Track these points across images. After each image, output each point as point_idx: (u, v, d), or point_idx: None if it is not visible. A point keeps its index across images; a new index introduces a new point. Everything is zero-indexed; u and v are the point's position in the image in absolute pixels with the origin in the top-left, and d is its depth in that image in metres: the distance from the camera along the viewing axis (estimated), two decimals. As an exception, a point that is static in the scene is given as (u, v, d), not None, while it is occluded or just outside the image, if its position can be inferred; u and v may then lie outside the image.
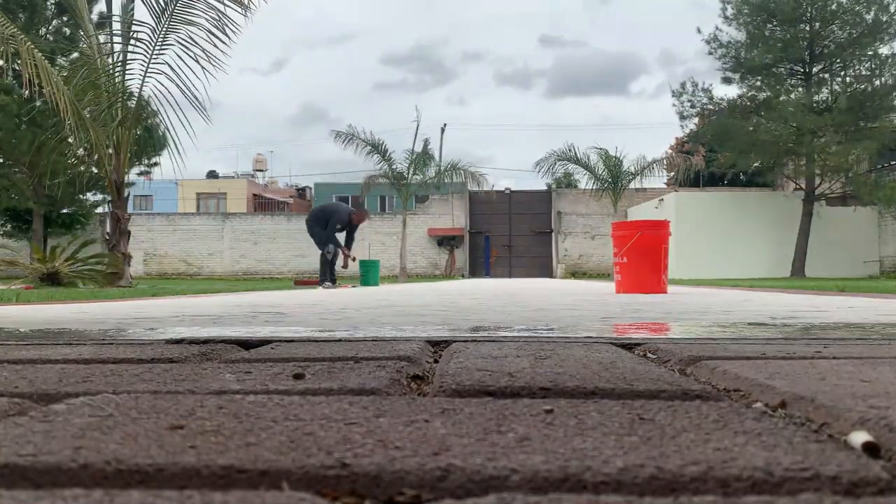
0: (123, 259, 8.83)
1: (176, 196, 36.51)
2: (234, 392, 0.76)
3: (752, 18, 19.54)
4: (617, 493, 0.41)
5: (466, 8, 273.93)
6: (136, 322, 2.01)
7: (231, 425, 0.56)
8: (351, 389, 0.77)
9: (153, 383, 0.82)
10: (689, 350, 1.11)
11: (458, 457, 0.46)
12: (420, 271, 25.43)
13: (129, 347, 1.23)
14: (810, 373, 0.85)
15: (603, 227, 24.57)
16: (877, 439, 0.51)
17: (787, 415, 0.64)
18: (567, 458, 0.46)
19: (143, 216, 27.21)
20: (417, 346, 1.18)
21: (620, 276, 5.86)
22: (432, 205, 26.19)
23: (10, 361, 1.04)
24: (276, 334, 1.50)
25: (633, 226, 6.34)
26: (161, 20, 8.30)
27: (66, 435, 0.52)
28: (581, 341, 1.29)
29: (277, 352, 1.14)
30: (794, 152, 19.14)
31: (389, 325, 1.80)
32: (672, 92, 20.57)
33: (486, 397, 0.73)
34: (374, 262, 11.71)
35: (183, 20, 8.20)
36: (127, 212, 8.99)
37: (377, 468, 0.44)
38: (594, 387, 0.77)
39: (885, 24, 18.14)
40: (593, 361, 0.98)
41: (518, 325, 1.83)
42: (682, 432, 0.53)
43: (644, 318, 2.14)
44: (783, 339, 1.37)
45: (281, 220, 26.91)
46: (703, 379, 0.88)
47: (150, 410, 0.62)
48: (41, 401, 0.72)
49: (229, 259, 26.39)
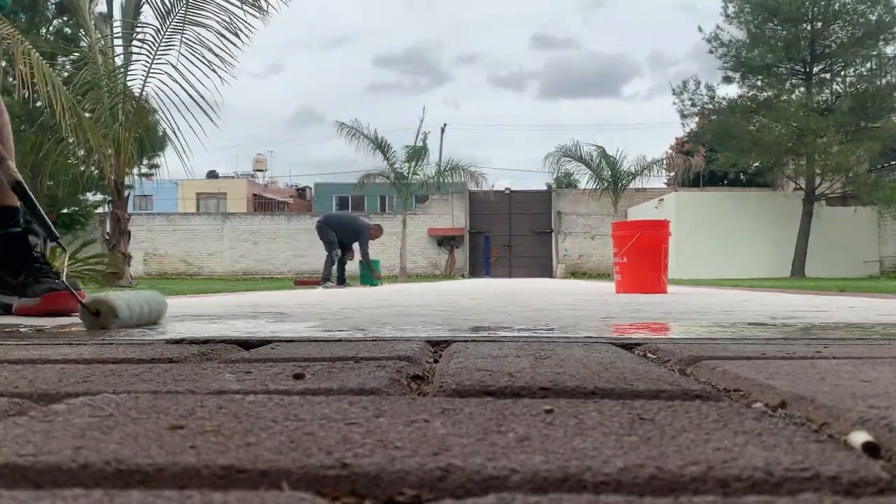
0: (123, 259, 8.84)
1: (176, 196, 36.51)
2: (234, 392, 0.76)
3: (754, 17, 19.52)
4: (617, 493, 0.41)
5: (464, 9, 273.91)
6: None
7: (231, 425, 0.56)
8: (351, 389, 0.77)
9: (153, 383, 0.83)
10: (689, 350, 1.11)
11: (458, 457, 0.46)
12: (420, 271, 25.43)
13: (129, 347, 1.23)
14: (810, 373, 0.85)
15: (603, 227, 24.56)
16: (877, 439, 0.51)
17: (787, 415, 0.64)
18: (567, 458, 0.46)
19: (143, 216, 27.21)
20: (417, 346, 1.18)
21: (620, 276, 5.86)
22: (432, 205, 26.19)
23: (10, 361, 1.04)
24: (276, 334, 1.50)
25: (633, 226, 6.34)
26: (166, 21, 8.29)
27: (66, 435, 0.52)
28: (581, 341, 1.29)
29: (277, 352, 1.14)
30: (795, 152, 19.13)
31: (389, 325, 1.80)
32: (673, 90, 20.59)
33: (486, 397, 0.73)
34: (374, 262, 11.77)
35: (191, 21, 8.18)
36: (127, 212, 9.00)
37: (377, 468, 0.44)
38: (594, 387, 0.77)
39: (888, 23, 18.11)
40: (593, 361, 0.98)
41: (518, 325, 1.83)
42: (682, 432, 0.53)
43: (644, 318, 2.14)
44: (783, 339, 1.37)
45: (281, 220, 26.91)
46: (703, 379, 0.88)
47: (150, 410, 0.62)
48: (41, 401, 0.72)
49: (229, 259, 26.38)
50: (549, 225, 26.11)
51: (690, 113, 20.62)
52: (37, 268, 2.36)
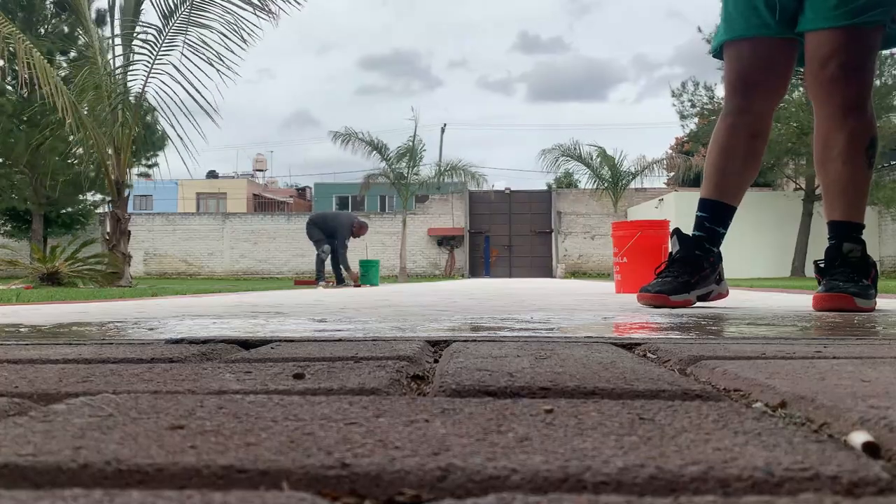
0: (123, 259, 8.83)
1: (176, 196, 36.51)
2: (234, 392, 0.76)
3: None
4: (617, 493, 0.41)
5: (449, 14, 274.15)
6: (136, 322, 2.01)
7: (231, 425, 0.56)
8: (351, 389, 0.77)
9: (153, 383, 0.83)
10: (689, 350, 1.11)
11: (458, 457, 0.46)
12: (420, 271, 25.43)
13: (129, 347, 1.23)
14: (810, 373, 0.85)
15: (603, 227, 24.56)
16: (877, 439, 0.51)
17: (787, 415, 0.64)
18: (567, 458, 0.46)
19: (143, 216, 27.21)
20: (417, 346, 1.18)
21: (620, 276, 5.86)
22: (432, 205, 26.19)
23: (10, 361, 1.04)
24: (276, 334, 1.50)
25: (633, 226, 6.34)
26: (169, 22, 8.29)
27: (66, 435, 0.52)
28: (581, 341, 1.29)
29: (277, 352, 1.14)
30: (795, 152, 19.12)
31: (389, 325, 1.80)
32: (672, 92, 20.58)
33: (486, 397, 0.73)
34: (374, 262, 11.76)
35: (195, 23, 8.18)
36: (127, 212, 9.00)
37: (377, 468, 0.44)
38: (594, 387, 0.77)
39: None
40: (593, 361, 0.98)
41: (518, 325, 1.83)
42: (682, 432, 0.53)
43: (644, 318, 2.14)
44: (783, 339, 1.37)
45: (281, 219, 26.90)
46: (703, 379, 0.88)
47: (150, 410, 0.62)
48: (41, 401, 0.72)
49: (229, 259, 26.38)
50: (549, 225, 26.09)
51: (690, 114, 20.62)
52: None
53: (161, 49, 8.38)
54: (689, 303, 2.72)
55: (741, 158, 2.73)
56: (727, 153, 2.73)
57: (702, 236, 2.77)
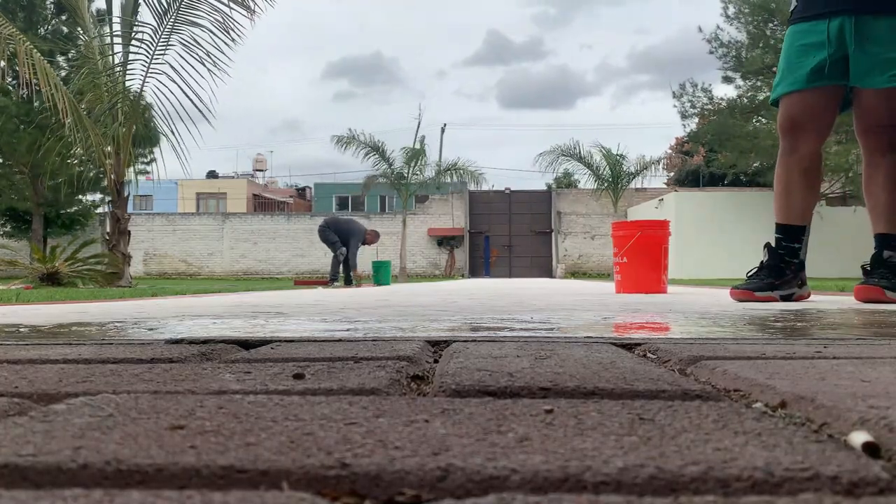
0: (123, 259, 8.83)
1: (176, 196, 36.51)
2: (234, 392, 0.76)
3: (753, 18, 19.52)
4: (617, 493, 0.41)
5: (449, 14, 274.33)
6: (136, 322, 2.01)
7: (231, 425, 0.56)
8: (351, 389, 0.77)
9: (153, 383, 0.82)
10: (689, 350, 1.11)
11: (458, 457, 0.46)
12: (420, 271, 25.42)
13: (129, 347, 1.23)
14: (810, 373, 0.85)
15: (603, 227, 24.57)
16: (877, 439, 0.51)
17: (787, 415, 0.64)
18: (567, 458, 0.46)
19: (143, 216, 27.21)
20: (417, 346, 1.18)
21: (620, 276, 5.86)
22: (432, 205, 26.19)
23: (10, 361, 1.04)
24: (276, 334, 1.50)
25: (633, 226, 6.33)
26: (164, 20, 8.32)
27: (66, 435, 0.52)
28: (581, 341, 1.29)
29: (277, 352, 1.14)
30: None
31: (389, 325, 1.80)
32: (673, 93, 20.59)
33: (486, 397, 0.72)
34: (386, 263, 12.13)
35: (185, 21, 8.22)
36: (127, 212, 9.00)
37: (377, 468, 0.44)
38: (594, 387, 0.77)
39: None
40: (593, 361, 0.98)
41: (518, 325, 1.83)
42: (682, 432, 0.53)
43: (644, 319, 2.14)
44: (783, 339, 1.37)
45: (281, 219, 26.89)
46: (703, 379, 0.88)
47: (150, 410, 0.62)
48: (41, 401, 0.72)
49: (229, 259, 26.37)
50: (549, 225, 26.10)
51: (690, 115, 20.63)
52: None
53: (157, 48, 8.39)
54: (772, 299, 3.27)
55: (799, 191, 3.34)
56: (787, 188, 3.35)
57: (782, 252, 3.40)
